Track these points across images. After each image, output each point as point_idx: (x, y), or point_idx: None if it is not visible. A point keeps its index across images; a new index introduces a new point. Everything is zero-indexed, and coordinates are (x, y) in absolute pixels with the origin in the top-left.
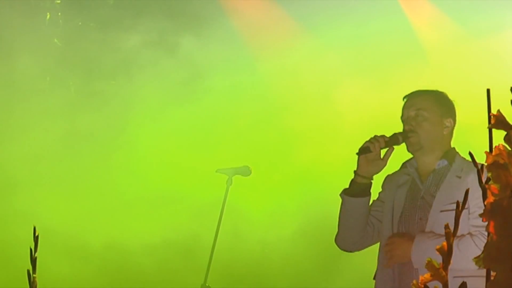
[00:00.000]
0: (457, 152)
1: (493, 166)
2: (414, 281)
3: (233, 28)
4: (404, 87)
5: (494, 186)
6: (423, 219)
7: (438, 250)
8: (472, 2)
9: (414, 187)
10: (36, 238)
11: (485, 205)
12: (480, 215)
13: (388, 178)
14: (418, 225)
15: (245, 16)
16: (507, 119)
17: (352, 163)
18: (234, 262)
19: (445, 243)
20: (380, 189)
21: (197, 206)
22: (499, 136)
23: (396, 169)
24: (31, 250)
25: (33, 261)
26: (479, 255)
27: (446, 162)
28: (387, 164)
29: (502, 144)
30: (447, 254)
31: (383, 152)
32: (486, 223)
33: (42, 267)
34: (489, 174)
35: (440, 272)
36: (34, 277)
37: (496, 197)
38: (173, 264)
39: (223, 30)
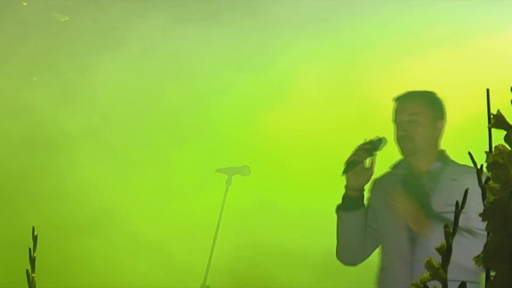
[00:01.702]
0: (447, 155)
1: (493, 166)
2: (414, 281)
3: (238, 26)
4: (404, 86)
5: (494, 186)
6: None
7: (437, 249)
8: (472, 1)
9: (407, 187)
10: (35, 238)
11: (484, 205)
12: (480, 215)
13: (377, 181)
14: None
15: (253, 11)
16: (507, 119)
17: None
18: (234, 262)
19: (444, 242)
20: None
21: (197, 206)
22: (499, 136)
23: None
24: (30, 250)
25: (32, 260)
26: (479, 255)
27: (440, 165)
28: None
29: (502, 144)
30: (446, 253)
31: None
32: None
33: None
34: (489, 174)
35: (439, 272)
36: (33, 277)
37: (496, 196)
38: (173, 264)
39: (227, 28)
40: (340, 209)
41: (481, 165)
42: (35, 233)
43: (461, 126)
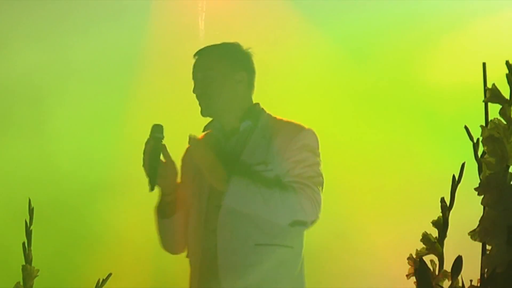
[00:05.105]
0: (262, 109)
1: (489, 139)
2: (410, 254)
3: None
4: (404, 63)
5: (489, 160)
6: None
7: (433, 223)
8: None
9: (218, 149)
10: (31, 211)
11: (480, 179)
12: (476, 189)
13: (188, 149)
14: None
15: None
16: (503, 93)
17: (357, 160)
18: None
19: (440, 216)
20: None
21: None
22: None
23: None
24: (26, 222)
25: (29, 233)
26: (475, 229)
27: (250, 122)
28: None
29: (497, 118)
30: (442, 227)
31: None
32: (302, 173)
33: None
34: (485, 148)
35: (435, 246)
36: (29, 250)
37: (492, 170)
38: (175, 262)
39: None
40: (157, 214)
41: (477, 139)
42: (31, 206)
43: (456, 100)
